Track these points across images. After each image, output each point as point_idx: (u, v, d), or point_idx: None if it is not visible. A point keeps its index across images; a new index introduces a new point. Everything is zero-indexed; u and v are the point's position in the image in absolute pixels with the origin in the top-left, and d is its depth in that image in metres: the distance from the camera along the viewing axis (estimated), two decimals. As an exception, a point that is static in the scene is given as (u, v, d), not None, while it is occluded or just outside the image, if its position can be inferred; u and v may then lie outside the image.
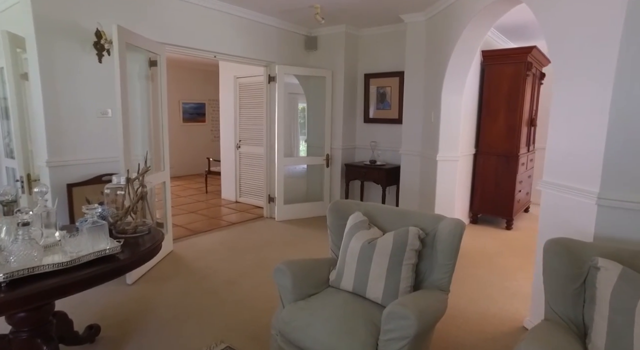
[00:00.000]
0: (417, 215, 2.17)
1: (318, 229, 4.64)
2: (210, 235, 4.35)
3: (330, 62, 5.04)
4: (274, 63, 4.76)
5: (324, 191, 5.26)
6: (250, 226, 4.75)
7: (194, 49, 3.90)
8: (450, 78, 3.75)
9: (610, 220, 1.91)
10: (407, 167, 4.57)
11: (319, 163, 5.18)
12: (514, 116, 4.57)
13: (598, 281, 1.51)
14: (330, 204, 2.39)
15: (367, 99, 5.16)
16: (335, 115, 5.11)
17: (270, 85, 4.86)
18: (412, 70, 4.38)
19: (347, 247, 2.07)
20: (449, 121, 3.91)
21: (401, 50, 4.70)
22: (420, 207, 4.43)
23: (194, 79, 8.68)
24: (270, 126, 4.96)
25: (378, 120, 5.12)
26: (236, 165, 6.00)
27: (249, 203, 5.86)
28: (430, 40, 4.10)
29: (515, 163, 4.63)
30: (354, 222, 2.16)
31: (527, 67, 4.45)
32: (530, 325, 2.47)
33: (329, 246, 2.43)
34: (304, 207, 5.15)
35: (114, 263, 1.60)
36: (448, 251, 1.93)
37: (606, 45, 1.88)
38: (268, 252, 3.83)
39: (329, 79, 5.01)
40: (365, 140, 5.26)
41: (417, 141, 4.45)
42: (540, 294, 2.38)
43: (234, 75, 5.80)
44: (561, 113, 2.20)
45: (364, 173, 4.83)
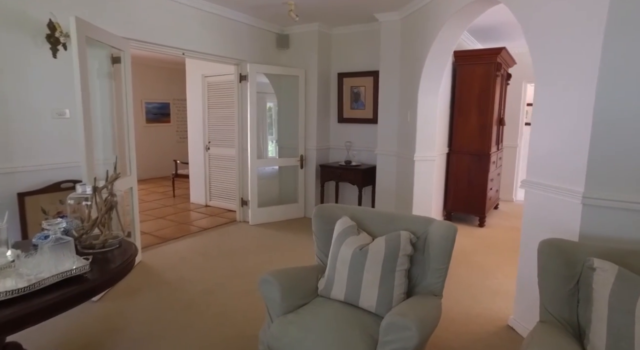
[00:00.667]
0: (406, 219, 2.11)
1: (294, 232, 4.52)
2: (181, 242, 4.12)
3: (303, 61, 4.93)
4: (245, 61, 4.58)
5: (298, 193, 5.14)
6: (224, 231, 4.55)
7: (161, 45, 3.66)
8: (426, 78, 3.75)
9: (596, 219, 1.94)
10: (383, 167, 4.55)
11: (293, 164, 5.05)
12: (485, 116, 4.67)
13: (594, 282, 1.51)
14: (315, 209, 2.29)
15: (341, 98, 5.09)
16: (309, 115, 5.00)
17: (241, 85, 4.68)
18: (387, 69, 4.35)
19: (337, 255, 1.98)
20: (426, 121, 3.92)
21: (375, 49, 4.67)
22: (397, 208, 4.42)
23: (157, 77, 8.27)
24: (242, 127, 4.78)
25: (352, 120, 5.07)
26: (205, 168, 5.75)
27: (220, 207, 5.64)
28: (405, 39, 4.09)
29: (487, 162, 4.74)
30: (342, 227, 2.06)
31: (496, 68, 4.55)
32: (514, 324, 2.49)
33: (315, 252, 2.33)
34: (278, 210, 5.01)
35: (82, 285, 1.41)
36: (441, 255, 1.89)
37: (589, 45, 1.90)
38: (245, 258, 3.66)
39: (302, 78, 4.90)
40: (340, 140, 5.19)
41: (392, 141, 4.43)
42: (525, 293, 2.40)
43: (202, 74, 5.55)
44: (543, 113, 2.22)
45: (340, 174, 4.76)
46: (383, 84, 4.43)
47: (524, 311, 2.41)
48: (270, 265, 3.46)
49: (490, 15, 3.77)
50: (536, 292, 2.31)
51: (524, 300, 2.42)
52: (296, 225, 4.80)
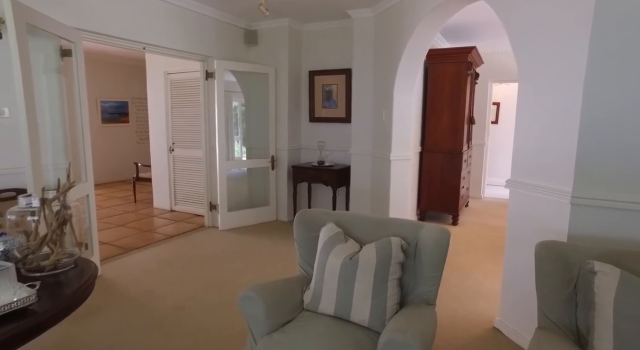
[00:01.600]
0: (394, 224, 2.00)
1: (268, 236, 4.32)
2: (145, 252, 3.81)
3: (272, 58, 4.73)
4: (211, 58, 4.32)
5: (270, 195, 4.94)
6: (192, 238, 4.27)
7: (119, 38, 3.34)
8: (402, 76, 3.69)
9: (584, 219, 1.91)
10: (358, 168, 4.45)
11: (263, 166, 4.85)
12: (457, 114, 4.69)
13: (596, 286, 1.45)
14: (297, 215, 2.13)
15: (312, 97, 4.94)
16: (280, 114, 4.82)
17: (208, 82, 4.42)
18: (360, 67, 4.25)
19: (325, 265, 1.83)
20: (401, 120, 3.85)
21: (347, 46, 4.56)
22: (372, 208, 4.34)
23: (114, 74, 7.74)
24: (209, 127, 4.51)
25: (324, 119, 4.93)
26: (170, 171, 5.41)
27: (187, 211, 5.32)
28: (379, 37, 4.01)
29: (459, 160, 4.76)
30: (329, 235, 1.92)
31: (467, 67, 4.58)
32: (501, 325, 2.45)
33: (297, 261, 2.17)
34: (249, 214, 4.78)
35: (27, 320, 1.17)
36: (435, 262, 1.79)
37: (575, 43, 1.87)
38: (217, 266, 3.43)
39: (272, 76, 4.70)
40: (312, 140, 5.04)
41: (367, 141, 4.34)
42: (510, 295, 2.37)
43: (164, 71, 5.21)
44: (528, 112, 2.18)
45: (313, 175, 4.61)
46: (356, 82, 4.32)
47: (510, 313, 2.38)
48: (246, 274, 3.26)
49: (460, 14, 3.76)
50: (522, 294, 2.29)
51: (510, 301, 2.38)
52: (269, 229, 4.60)
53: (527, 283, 2.25)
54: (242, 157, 5.04)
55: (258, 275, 3.24)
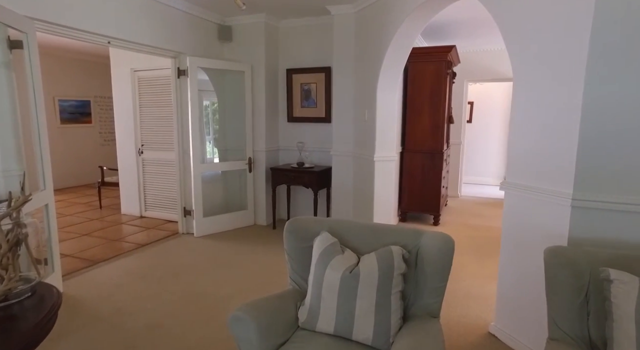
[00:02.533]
0: (392, 231, 1.87)
1: (247, 242, 4.11)
2: (115, 264, 3.51)
3: (248, 56, 4.51)
4: (183, 54, 4.06)
5: (247, 199, 4.73)
6: (165, 246, 3.99)
7: (81, 30, 3.03)
8: (385, 75, 3.58)
9: (585, 222, 1.86)
10: (340, 169, 4.32)
11: (240, 168, 4.62)
12: (437, 113, 4.66)
13: (613, 295, 1.38)
14: (287, 224, 1.96)
15: (290, 96, 4.77)
16: (257, 114, 4.61)
17: (180, 80, 4.15)
18: (341, 66, 4.12)
19: (322, 280, 1.67)
20: (385, 119, 3.75)
21: (326, 44, 4.42)
22: (355, 210, 4.22)
23: (74, 70, 7.22)
24: (182, 128, 4.24)
25: (303, 119, 4.77)
26: (139, 174, 5.07)
27: (159, 217, 5.01)
28: (361, 34, 3.89)
29: (440, 160, 4.74)
30: (324, 246, 1.76)
31: (447, 66, 4.56)
32: (496, 331, 2.38)
33: (288, 274, 2.00)
34: (226, 219, 4.55)
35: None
36: (439, 272, 1.67)
37: (575, 41, 1.81)
38: (196, 278, 3.19)
39: (248, 74, 4.49)
40: (290, 141, 4.87)
41: (349, 141, 4.22)
42: (506, 299, 2.31)
43: (131, 68, 4.86)
44: (524, 113, 2.12)
45: (293, 177, 4.44)
46: (337, 81, 4.19)
47: (506, 318, 2.32)
48: (227, 286, 3.05)
49: (439, 13, 3.71)
50: (519, 298, 2.23)
51: (506, 306, 2.32)
52: (247, 235, 4.39)
53: (524, 287, 2.19)
54: (214, 159, 4.78)
55: (240, 286, 3.04)
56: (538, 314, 2.11)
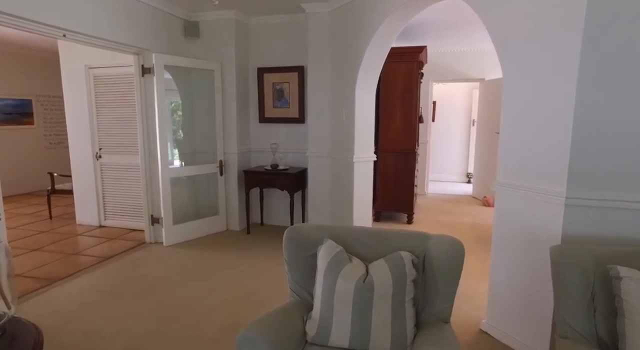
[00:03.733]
0: (396, 236, 1.83)
1: (221, 250, 3.91)
2: (76, 282, 3.18)
3: (217, 53, 4.30)
4: (148, 51, 3.77)
5: (219, 204, 4.51)
6: (133, 258, 3.69)
7: (31, 21, 2.70)
8: (364, 74, 3.55)
9: (578, 220, 1.92)
10: (316, 170, 4.24)
11: (211, 171, 4.40)
12: (410, 113, 4.72)
13: (624, 292, 1.42)
14: (287, 233, 1.85)
15: (261, 96, 4.61)
16: (228, 115, 4.41)
17: (145, 79, 3.85)
18: (316, 65, 4.04)
19: (333, 291, 1.59)
20: (364, 120, 3.72)
21: (299, 42, 4.32)
22: (332, 213, 4.16)
23: (10, 66, 6.52)
24: (148, 130, 3.95)
25: (276, 120, 4.63)
26: (97, 180, 4.67)
27: (121, 226, 4.64)
28: (337, 33, 3.82)
29: (413, 159, 4.81)
30: (331, 255, 1.68)
31: (418, 66, 4.62)
32: (488, 328, 2.43)
33: (288, 285, 1.89)
34: (197, 226, 4.31)
35: None
36: (450, 277, 1.65)
37: (567, 40, 1.86)
38: (171, 291, 2.97)
39: (218, 73, 4.27)
40: (262, 142, 4.72)
41: (325, 142, 4.15)
42: (498, 297, 2.35)
43: (85, 65, 4.46)
44: (516, 113, 2.16)
45: (268, 179, 4.29)
46: (312, 80, 4.10)
47: (498, 315, 2.37)
48: (208, 298, 2.86)
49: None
50: (510, 295, 2.28)
51: (498, 303, 2.37)
52: (221, 241, 4.18)
53: (516, 284, 2.24)
54: (179, 163, 4.49)
55: (223, 297, 2.87)
56: (531, 310, 2.16)
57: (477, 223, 4.95)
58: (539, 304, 2.13)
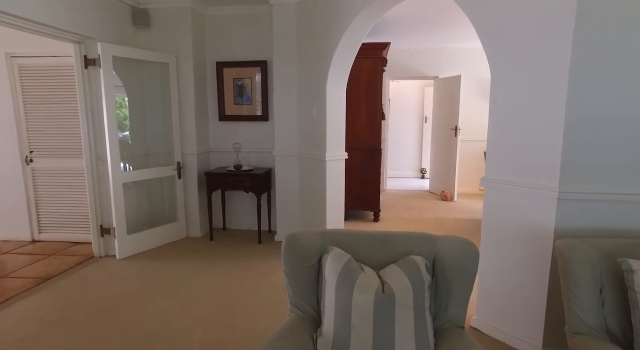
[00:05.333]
0: (402, 239, 1.72)
1: (185, 260, 3.58)
2: (11, 311, 2.69)
3: (171, 46, 3.92)
4: (92, 39, 3.32)
5: (178, 209, 4.14)
6: (81, 276, 3.23)
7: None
8: (335, 70, 3.43)
9: (570, 214, 1.96)
10: (284, 171, 4.04)
11: (168, 174, 4.02)
12: (374, 110, 4.70)
13: (638, 285, 1.44)
14: (286, 242, 1.67)
15: (221, 92, 4.30)
16: (186, 113, 4.05)
17: (89, 72, 3.39)
18: (282, 60, 3.84)
19: (349, 305, 1.44)
20: (335, 117, 3.60)
21: (262, 36, 4.09)
22: (303, 214, 4.00)
23: None
24: (94, 130, 3.49)
25: (237, 118, 4.36)
26: (28, 188, 4.05)
27: (61, 240, 4.08)
28: (305, 27, 3.65)
29: (379, 156, 4.79)
30: (341, 265, 1.53)
31: (382, 63, 4.60)
32: (478, 324, 2.43)
33: (288, 299, 1.71)
34: (154, 234, 3.91)
35: None
36: (466, 280, 1.58)
37: (558, 34, 1.88)
38: (136, 313, 2.62)
39: (173, 67, 3.90)
40: (223, 142, 4.41)
41: (293, 140, 3.97)
42: (487, 293, 2.35)
43: (6, 53, 3.83)
44: (506, 108, 2.16)
45: (232, 182, 4.01)
46: (278, 76, 3.89)
47: (489, 311, 2.37)
48: (180, 318, 2.56)
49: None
50: (501, 290, 2.29)
51: (488, 299, 2.37)
52: (183, 250, 3.84)
53: (507, 280, 2.25)
54: (129, 166, 4.04)
55: (196, 316, 2.59)
56: (523, 304, 2.19)
57: (441, 218, 5.07)
58: (531, 298, 2.15)
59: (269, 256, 3.69)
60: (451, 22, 4.79)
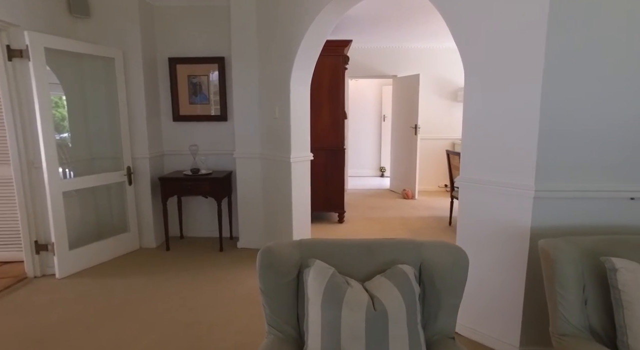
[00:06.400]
0: (386, 246, 1.61)
1: (138, 274, 3.25)
2: None
3: (117, 38, 3.55)
4: (17, 27, 2.90)
5: (129, 218, 3.78)
6: (13, 300, 2.81)
7: None
8: (299, 66, 3.27)
9: (546, 211, 1.97)
10: (245, 173, 3.82)
11: (116, 180, 3.64)
12: (337, 109, 4.60)
13: (621, 283, 1.43)
14: (261, 257, 1.50)
15: (175, 90, 3.99)
16: (135, 113, 3.70)
17: (13, 64, 2.96)
18: (241, 56, 3.61)
19: (338, 324, 1.30)
20: (300, 116, 3.45)
21: (219, 30, 3.83)
22: (267, 218, 3.81)
23: None
24: (23, 132, 3.06)
25: (193, 118, 4.06)
26: (-55, 201, 3.49)
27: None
28: (266, 20, 3.46)
29: (342, 156, 4.70)
30: (325, 279, 1.39)
31: (344, 60, 4.51)
32: (460, 329, 2.38)
33: (265, 319, 1.54)
34: (102, 248, 3.53)
35: None
36: (455, 288, 1.50)
37: (531, 33, 1.86)
38: (86, 340, 2.30)
39: (120, 62, 3.53)
40: (178, 143, 4.10)
41: (255, 141, 3.76)
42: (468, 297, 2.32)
43: None
44: (479, 107, 2.12)
45: (189, 186, 3.73)
46: (237, 73, 3.66)
47: (467, 313, 2.34)
48: (140, 344, 2.28)
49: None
50: (480, 293, 2.27)
51: (465, 301, 2.34)
52: (136, 263, 3.50)
53: (483, 280, 2.23)
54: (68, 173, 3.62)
55: (158, 337, 2.32)
56: (500, 304, 2.17)
57: (404, 216, 5.09)
58: (507, 298, 2.14)
59: (233, 264, 3.46)
60: (412, 21, 4.81)
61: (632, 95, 1.83)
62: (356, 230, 4.46)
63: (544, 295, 2.01)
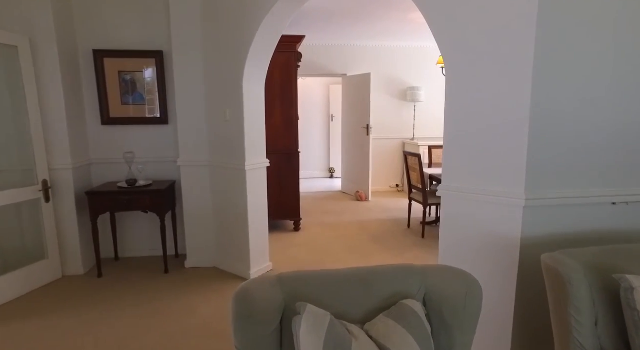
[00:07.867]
0: (382, 275, 1.38)
1: (63, 311, 2.68)
2: None
3: (20, 22, 2.91)
4: None
5: (47, 242, 3.14)
6: None
7: None
8: (253, 63, 2.92)
9: (537, 220, 1.85)
10: (192, 184, 3.37)
11: (28, 198, 3.00)
12: (290, 109, 4.30)
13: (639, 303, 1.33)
14: (236, 304, 1.18)
15: (103, 88, 3.40)
16: (52, 114, 3.07)
17: None
18: (184, 50, 3.16)
19: (347, 394, 1.01)
20: (254, 118, 3.10)
21: (155, 19, 3.33)
22: (220, 233, 3.40)
23: None
24: None
25: (127, 121, 3.50)
26: None
27: None
28: (213, 9, 3.04)
29: (296, 160, 4.42)
30: (323, 331, 1.11)
31: (296, 58, 4.22)
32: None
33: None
34: (11, 281, 2.88)
35: None
36: (469, 323, 1.29)
37: (520, 29, 1.73)
38: None
39: (25, 52, 2.89)
40: (108, 150, 3.52)
41: (202, 147, 3.33)
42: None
43: None
44: (463, 112, 1.96)
45: (126, 201, 3.19)
46: (179, 69, 3.20)
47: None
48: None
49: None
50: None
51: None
52: (57, 297, 2.90)
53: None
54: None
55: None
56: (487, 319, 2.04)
57: (362, 220, 4.93)
58: (495, 312, 2.01)
59: (182, 289, 3.01)
60: (368, 16, 4.63)
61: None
62: (314, 240, 4.19)
63: (536, 318, 1.90)
